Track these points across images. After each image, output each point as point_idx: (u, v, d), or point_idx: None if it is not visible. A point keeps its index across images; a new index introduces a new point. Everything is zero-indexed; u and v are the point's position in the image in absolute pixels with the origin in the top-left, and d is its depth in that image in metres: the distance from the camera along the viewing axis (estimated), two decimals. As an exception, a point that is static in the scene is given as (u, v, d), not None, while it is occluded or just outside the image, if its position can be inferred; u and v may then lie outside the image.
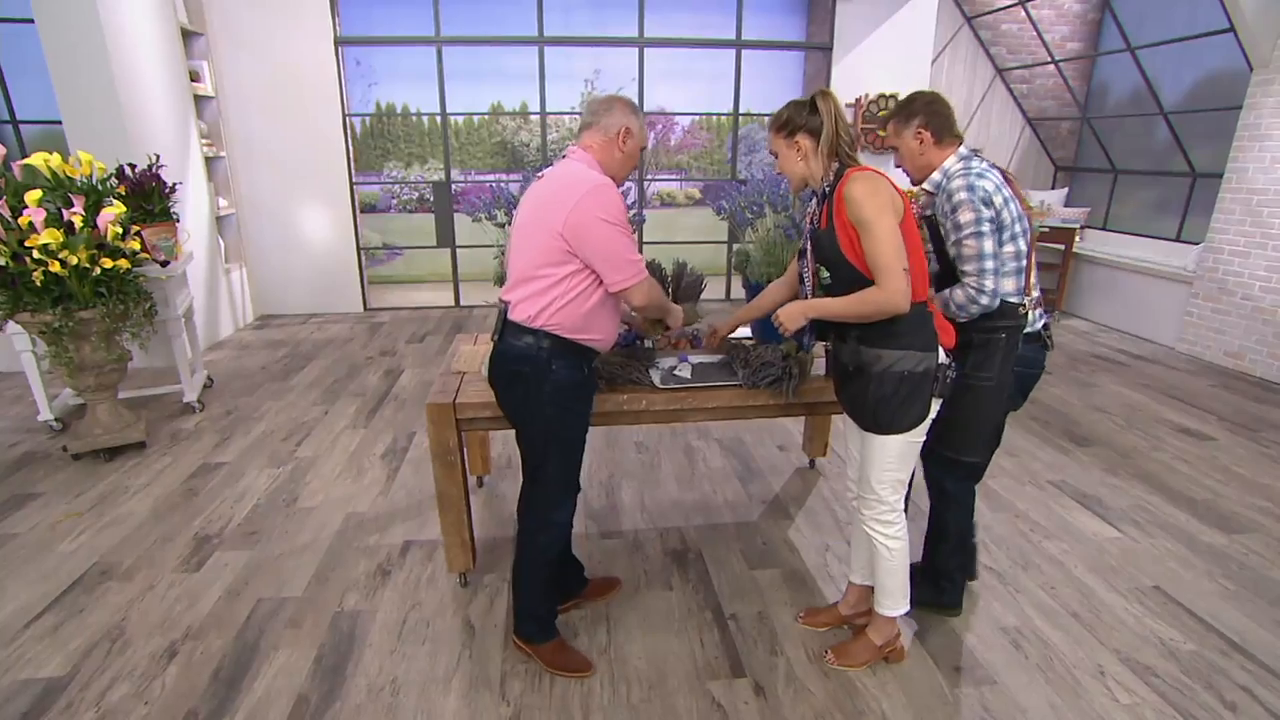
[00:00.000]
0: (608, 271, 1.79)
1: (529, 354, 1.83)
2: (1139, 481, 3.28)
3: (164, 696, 1.96)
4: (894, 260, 1.71)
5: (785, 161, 1.89)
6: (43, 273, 2.95)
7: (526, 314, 1.82)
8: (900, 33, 6.63)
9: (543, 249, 1.78)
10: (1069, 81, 7.22)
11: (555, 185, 1.81)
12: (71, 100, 4.37)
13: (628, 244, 1.79)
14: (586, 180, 1.76)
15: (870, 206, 1.70)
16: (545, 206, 1.79)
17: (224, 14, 5.62)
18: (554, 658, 2.08)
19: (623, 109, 1.88)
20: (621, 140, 1.87)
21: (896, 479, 1.94)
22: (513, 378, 1.89)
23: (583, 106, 1.94)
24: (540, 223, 1.78)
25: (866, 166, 1.78)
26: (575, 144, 1.91)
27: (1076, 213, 6.84)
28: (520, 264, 1.84)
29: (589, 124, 1.90)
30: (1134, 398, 4.40)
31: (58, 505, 2.98)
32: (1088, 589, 2.47)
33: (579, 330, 1.85)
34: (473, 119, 8.73)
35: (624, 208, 1.80)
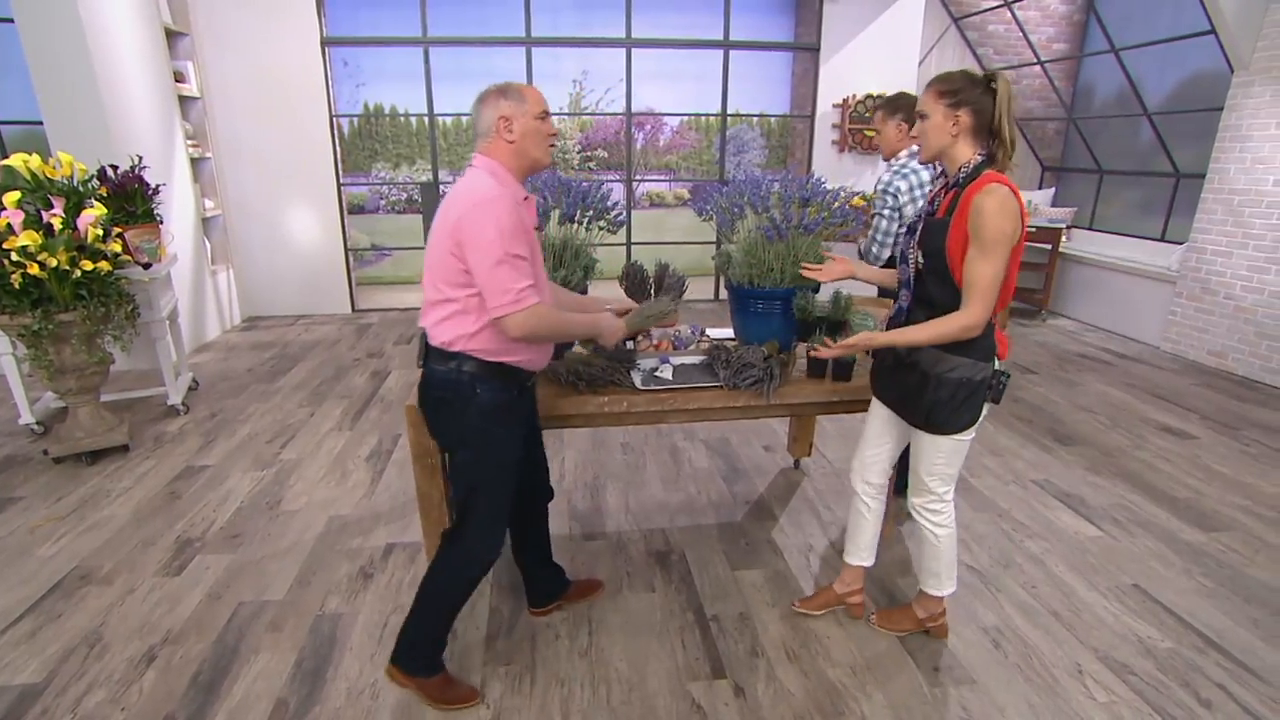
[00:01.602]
0: (485, 296, 1.67)
1: (451, 379, 1.76)
2: (1121, 480, 3.30)
3: (141, 702, 1.95)
4: (990, 290, 1.72)
5: (934, 130, 1.81)
6: (21, 275, 2.93)
7: (444, 339, 1.74)
8: (887, 33, 6.65)
9: (443, 269, 1.69)
10: (1055, 82, 7.27)
11: (449, 201, 1.71)
12: (53, 100, 4.33)
13: (503, 268, 1.62)
14: (469, 195, 1.65)
15: (993, 228, 1.68)
16: (440, 225, 1.69)
17: (209, 14, 5.59)
18: (441, 693, 1.95)
19: (490, 101, 1.74)
20: (504, 130, 1.72)
21: (946, 473, 2.01)
22: (438, 404, 1.83)
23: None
24: (438, 242, 1.69)
25: (1003, 177, 1.75)
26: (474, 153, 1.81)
27: (1063, 212, 6.89)
28: (428, 285, 1.75)
29: (475, 134, 1.80)
30: (1118, 397, 4.43)
31: (38, 509, 2.96)
32: (1068, 588, 2.49)
33: (502, 353, 1.76)
34: (460, 120, 8.71)
35: (508, 224, 1.63)
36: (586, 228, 2.52)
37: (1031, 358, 5.27)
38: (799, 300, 2.51)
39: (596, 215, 2.53)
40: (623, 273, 2.92)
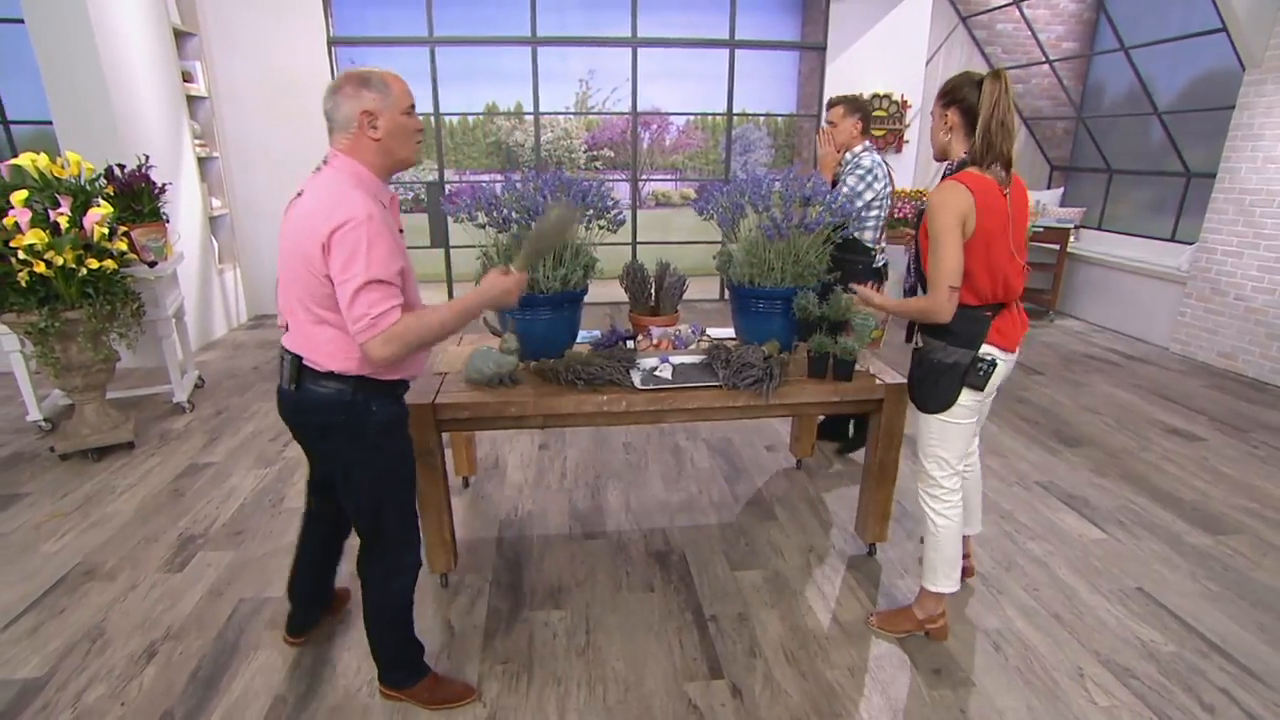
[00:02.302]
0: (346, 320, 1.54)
1: (339, 401, 1.64)
2: (1127, 482, 3.27)
3: (140, 697, 1.96)
4: (942, 278, 1.86)
5: (934, 130, 2.01)
6: (28, 273, 2.96)
7: (328, 361, 1.61)
8: (894, 32, 6.62)
9: (310, 290, 1.56)
10: (1064, 81, 7.21)
11: (310, 211, 1.54)
12: (62, 100, 4.37)
13: (364, 295, 1.50)
14: (332, 214, 1.49)
15: (938, 221, 1.83)
16: (301, 238, 1.53)
17: (217, 14, 5.62)
18: (432, 695, 1.94)
19: (350, 92, 1.56)
20: (367, 126, 1.57)
21: (939, 456, 2.08)
22: (324, 430, 1.70)
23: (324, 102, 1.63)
24: (300, 263, 1.54)
25: (971, 174, 1.85)
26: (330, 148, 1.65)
27: (1071, 212, 6.84)
28: (295, 306, 1.61)
29: (330, 127, 1.63)
30: (1125, 398, 4.39)
31: (44, 505, 2.98)
32: (1070, 590, 2.47)
33: (391, 370, 1.68)
34: (467, 119, 8.73)
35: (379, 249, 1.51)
36: (586, 227, 2.52)
37: (1038, 358, 5.23)
38: (800, 300, 2.50)
39: (596, 214, 2.52)
40: (623, 272, 2.93)
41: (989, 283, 1.91)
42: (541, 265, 2.43)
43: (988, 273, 1.90)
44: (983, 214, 1.83)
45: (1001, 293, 1.94)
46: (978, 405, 2.03)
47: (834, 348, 2.41)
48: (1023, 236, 1.96)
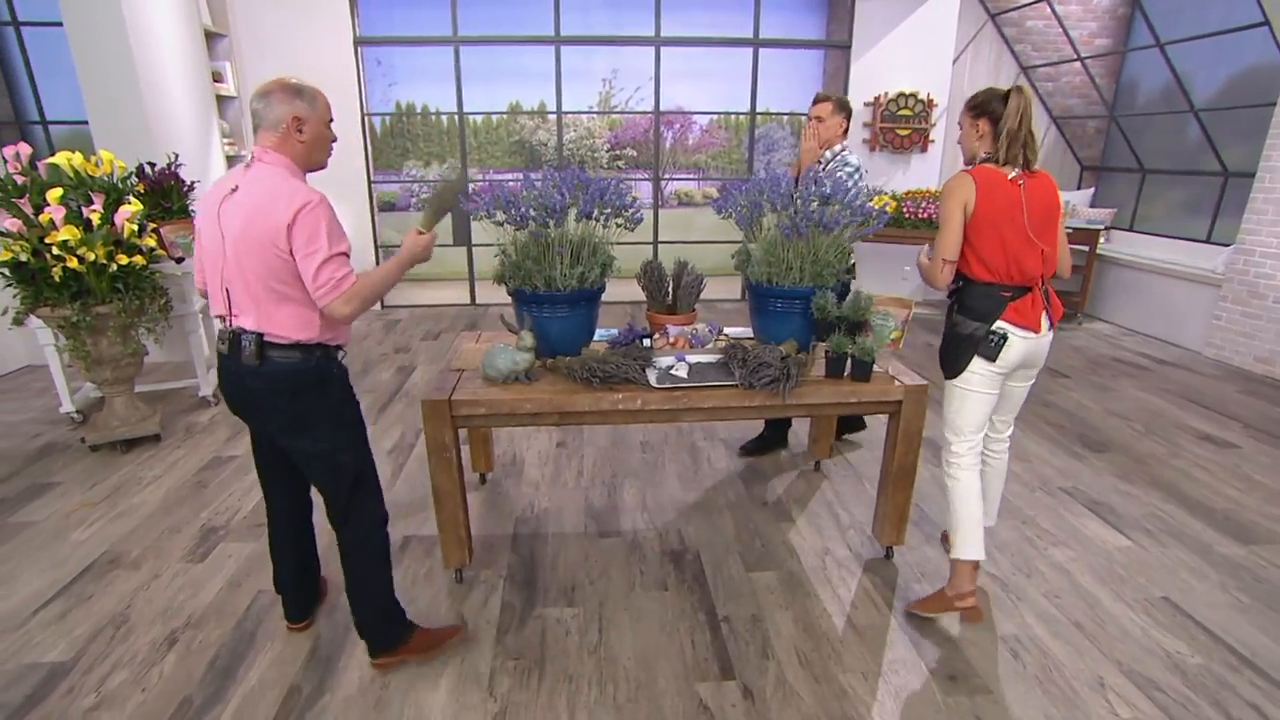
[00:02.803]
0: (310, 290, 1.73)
1: (308, 366, 1.82)
2: (1154, 489, 3.19)
3: (161, 684, 2.01)
4: (940, 252, 2.19)
5: (965, 137, 2.26)
6: (61, 269, 3.04)
7: (292, 332, 1.78)
8: (921, 31, 6.54)
9: (271, 269, 1.72)
10: (1095, 79, 7.06)
11: (258, 196, 1.70)
12: (97, 101, 4.48)
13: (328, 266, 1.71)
14: (291, 199, 1.67)
15: (943, 205, 2.18)
16: (257, 215, 1.68)
17: (246, 15, 5.73)
18: (424, 644, 2.09)
19: (283, 98, 1.74)
20: (294, 130, 1.76)
21: (955, 423, 2.30)
22: (295, 394, 1.84)
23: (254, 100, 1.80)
24: (260, 242, 1.69)
25: (982, 169, 2.14)
26: (255, 146, 1.81)
27: (1102, 213, 6.69)
28: (248, 282, 1.74)
29: (258, 124, 1.79)
30: (1155, 403, 4.28)
31: (74, 495, 3.06)
32: (1093, 598, 2.41)
33: (337, 335, 1.90)
34: (491, 118, 8.79)
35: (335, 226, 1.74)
36: (604, 225, 2.52)
37: (1065, 362, 5.12)
38: (818, 300, 2.48)
39: (614, 212, 2.52)
40: (640, 270, 2.93)
41: (1002, 262, 2.14)
42: (559, 263, 2.44)
43: (1002, 253, 2.13)
44: (984, 200, 2.09)
45: (1016, 274, 2.14)
46: (993, 378, 2.22)
47: (852, 348, 2.39)
48: (1041, 224, 2.14)
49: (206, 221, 1.81)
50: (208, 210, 1.80)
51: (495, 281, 2.58)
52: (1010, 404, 2.43)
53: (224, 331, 1.86)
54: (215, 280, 1.83)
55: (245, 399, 1.91)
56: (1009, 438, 2.51)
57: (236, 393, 1.91)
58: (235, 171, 1.82)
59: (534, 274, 2.44)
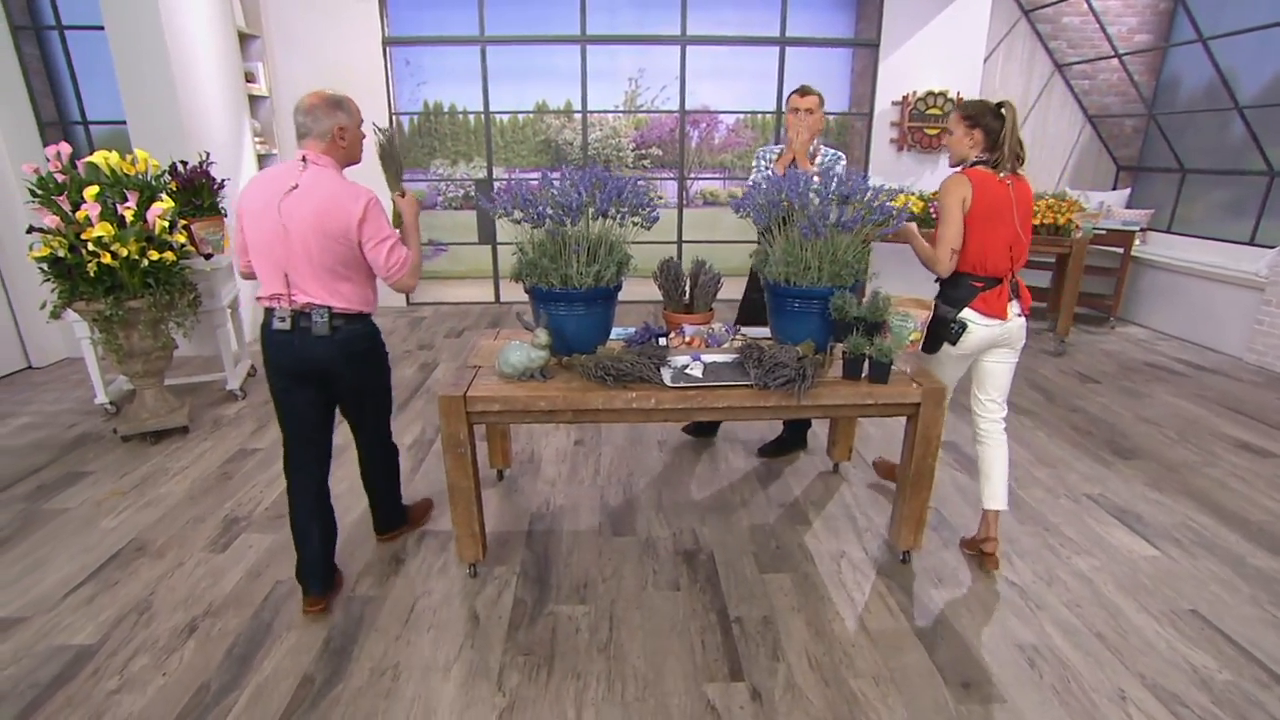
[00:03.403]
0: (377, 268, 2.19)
1: (369, 332, 2.31)
2: (1186, 498, 3.10)
3: (180, 669, 2.06)
4: (944, 241, 2.47)
5: (957, 142, 2.51)
6: (96, 264, 3.13)
7: (355, 306, 2.20)
8: (952, 28, 6.43)
9: (336, 255, 2.09)
10: (1134, 76, 6.87)
11: (325, 194, 2.05)
12: (135, 101, 4.61)
13: (390, 246, 2.16)
14: (351, 195, 2.07)
15: (945, 201, 2.47)
16: (327, 213, 2.04)
17: (279, 17, 5.84)
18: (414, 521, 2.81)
19: (329, 112, 2.11)
20: (339, 137, 2.13)
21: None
22: (365, 354, 2.33)
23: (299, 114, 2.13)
24: (325, 229, 2.05)
25: (975, 170, 2.44)
26: (304, 150, 2.12)
27: (1138, 214, 6.51)
28: (315, 267, 2.09)
29: (306, 133, 2.12)
30: (1190, 410, 4.15)
31: (105, 484, 3.15)
32: (1116, 609, 2.35)
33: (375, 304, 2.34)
34: (517, 118, 8.85)
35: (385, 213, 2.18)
36: (620, 223, 2.51)
37: (1096, 366, 5.00)
38: (836, 300, 2.44)
39: (631, 211, 2.52)
40: (658, 269, 2.92)
41: (979, 256, 2.46)
42: (575, 261, 2.44)
43: (980, 248, 2.45)
44: (980, 198, 2.40)
45: (991, 267, 2.47)
46: (959, 358, 2.60)
47: (870, 349, 2.35)
48: (1024, 220, 2.48)
49: (264, 214, 2.07)
50: (265, 204, 2.06)
51: (512, 279, 2.59)
52: (994, 382, 2.62)
53: (282, 311, 2.14)
54: (270, 265, 2.11)
55: (312, 366, 2.22)
56: (1003, 420, 2.65)
57: (300, 362, 2.21)
58: (288, 169, 2.10)
59: (550, 272, 2.45)
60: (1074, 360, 5.14)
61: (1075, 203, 5.36)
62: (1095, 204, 6.57)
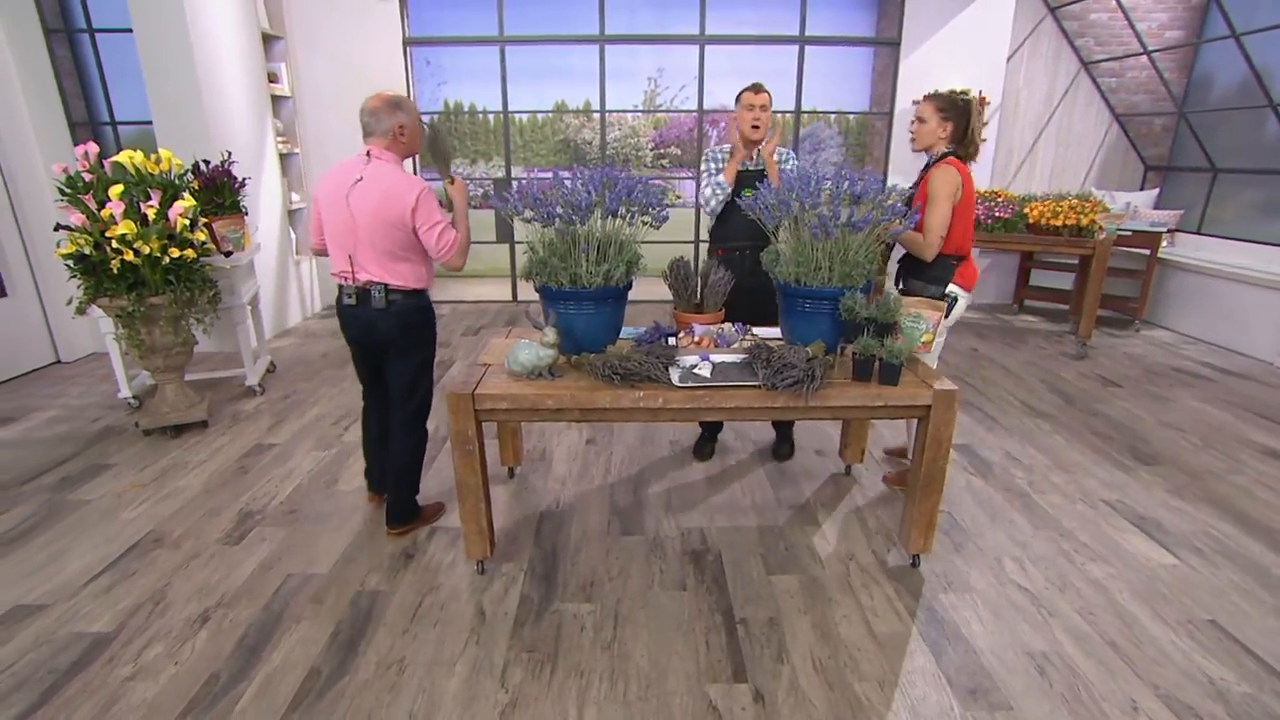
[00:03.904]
0: (431, 249, 2.50)
1: (420, 305, 2.59)
2: (1208, 506, 3.03)
3: (192, 659, 2.10)
4: (935, 226, 2.73)
5: (929, 131, 2.78)
6: (119, 261, 3.20)
7: (410, 283, 2.52)
8: (974, 26, 6.34)
9: (397, 239, 2.42)
10: (1164, 74, 6.72)
11: (385, 186, 2.38)
12: (161, 102, 4.70)
13: (440, 229, 2.46)
14: (409, 185, 2.39)
15: (941, 190, 2.71)
16: (386, 202, 2.37)
17: (302, 18, 5.93)
18: (426, 519, 2.85)
19: (390, 112, 2.44)
20: (399, 134, 2.46)
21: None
22: (407, 326, 2.57)
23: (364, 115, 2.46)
24: (385, 217, 2.38)
25: (956, 161, 2.75)
26: (369, 146, 2.45)
27: (1166, 215, 6.37)
28: (377, 250, 2.43)
29: (370, 131, 2.45)
30: (1216, 415, 4.05)
31: (126, 476, 3.22)
32: (1131, 617, 2.30)
33: (431, 282, 2.64)
34: (536, 117, 8.89)
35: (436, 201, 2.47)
36: (630, 223, 2.51)
37: (1118, 370, 4.90)
38: (846, 300, 2.42)
39: (640, 210, 2.52)
40: (668, 268, 2.92)
41: (961, 238, 2.78)
42: (584, 260, 2.45)
43: (962, 232, 2.77)
44: (967, 188, 2.73)
45: (965, 246, 2.82)
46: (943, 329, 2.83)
47: (880, 350, 2.33)
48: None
49: (335, 203, 2.43)
50: (336, 194, 2.43)
51: (522, 277, 2.61)
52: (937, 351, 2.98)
53: (348, 287, 2.51)
54: (338, 247, 2.48)
55: (372, 335, 2.58)
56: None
57: (362, 332, 2.60)
58: (355, 163, 2.44)
59: (559, 271, 2.46)
60: (1096, 364, 5.04)
61: (1098, 203, 5.26)
62: (1121, 205, 6.44)
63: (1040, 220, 5.27)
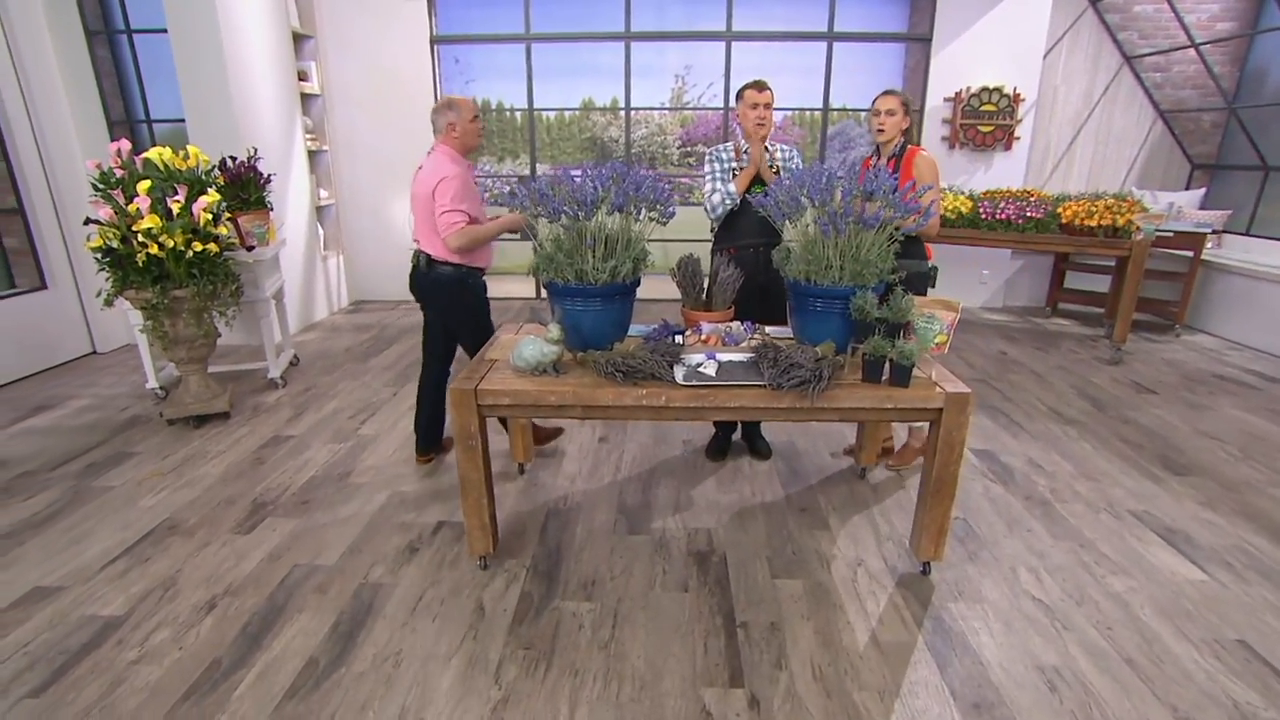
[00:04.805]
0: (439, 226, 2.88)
1: (453, 274, 2.99)
2: (1243, 519, 2.88)
3: (196, 644, 2.13)
4: (938, 210, 2.96)
5: (896, 125, 2.99)
6: (145, 254, 3.28)
7: (441, 254, 2.95)
8: (1010, 21, 6.16)
9: (429, 214, 2.89)
10: (1212, 68, 6.45)
11: (427, 172, 2.89)
12: (194, 100, 4.82)
13: (446, 214, 2.83)
14: (437, 173, 2.84)
15: (933, 177, 2.92)
16: (423, 185, 2.88)
17: (332, 17, 6.03)
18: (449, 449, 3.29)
19: (442, 112, 2.93)
20: (450, 131, 2.93)
21: None
22: (436, 290, 3.04)
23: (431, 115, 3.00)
24: (422, 196, 2.89)
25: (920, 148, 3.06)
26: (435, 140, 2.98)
27: (1213, 215, 6.11)
28: (422, 223, 2.96)
29: (433, 129, 2.98)
30: (1258, 425, 3.87)
31: (148, 464, 3.31)
32: (1152, 634, 2.20)
33: (469, 258, 3.00)
34: (564, 114, 8.91)
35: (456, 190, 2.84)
36: (636, 218, 2.49)
37: (1154, 376, 4.71)
38: (858, 300, 2.36)
39: (648, 206, 2.49)
40: (676, 265, 2.89)
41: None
42: (590, 256, 2.43)
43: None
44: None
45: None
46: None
47: (891, 351, 2.27)
48: None
49: (412, 186, 3.01)
50: (413, 179, 3.00)
51: (529, 273, 2.60)
52: None
53: (416, 251, 3.02)
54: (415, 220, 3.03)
55: (416, 291, 3.10)
56: None
57: (412, 288, 3.10)
58: (424, 156, 2.98)
59: (565, 267, 2.44)
60: (1130, 369, 4.86)
61: (1136, 203, 5.07)
62: (1164, 205, 6.20)
63: (1074, 220, 5.09)
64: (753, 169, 3.07)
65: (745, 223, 3.06)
